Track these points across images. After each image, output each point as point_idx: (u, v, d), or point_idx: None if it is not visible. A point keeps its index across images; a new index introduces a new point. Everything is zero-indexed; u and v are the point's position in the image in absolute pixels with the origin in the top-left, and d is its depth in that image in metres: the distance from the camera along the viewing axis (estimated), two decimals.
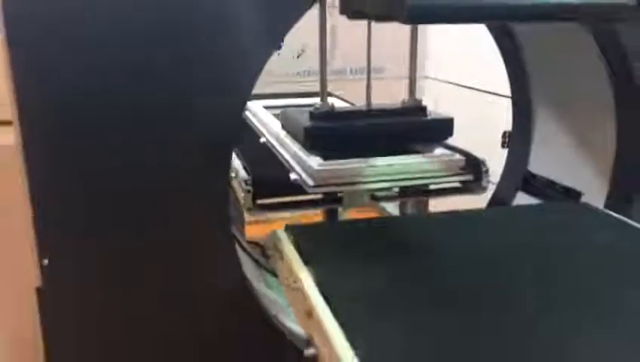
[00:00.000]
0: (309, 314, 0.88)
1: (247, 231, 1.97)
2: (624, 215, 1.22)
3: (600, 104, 1.35)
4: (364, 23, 1.37)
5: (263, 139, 1.73)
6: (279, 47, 3.27)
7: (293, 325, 1.21)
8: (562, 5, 0.90)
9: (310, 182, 1.28)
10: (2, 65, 0.94)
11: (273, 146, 1.67)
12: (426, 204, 1.90)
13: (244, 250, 1.58)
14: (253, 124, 1.96)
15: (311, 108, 1.50)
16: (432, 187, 1.50)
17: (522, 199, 1.65)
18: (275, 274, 1.31)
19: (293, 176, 1.36)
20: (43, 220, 1.00)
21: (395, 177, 1.36)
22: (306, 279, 0.93)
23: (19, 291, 1.06)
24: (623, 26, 1.20)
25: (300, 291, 0.93)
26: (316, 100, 1.52)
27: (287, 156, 1.52)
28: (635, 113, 1.26)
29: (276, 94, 2.38)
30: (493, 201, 1.71)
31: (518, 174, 1.64)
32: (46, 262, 1.02)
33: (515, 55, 1.60)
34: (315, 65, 3.55)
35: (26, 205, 0.98)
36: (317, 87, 2.95)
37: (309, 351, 0.88)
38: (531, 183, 1.59)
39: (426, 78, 3.52)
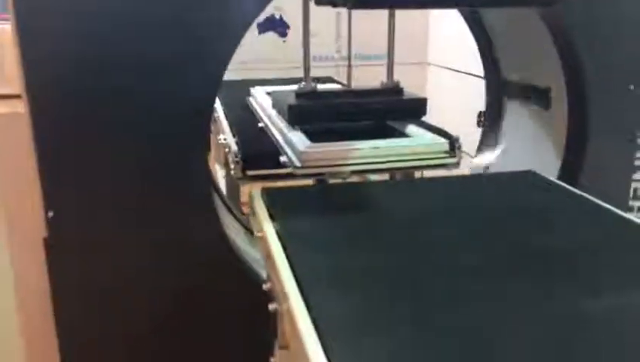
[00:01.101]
0: (268, 256, 1.03)
1: None
2: (572, 185, 1.35)
3: (557, 89, 1.48)
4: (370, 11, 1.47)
5: (260, 124, 1.86)
6: (285, 35, 3.42)
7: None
8: None
9: (297, 164, 1.38)
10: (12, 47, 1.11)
11: (266, 125, 1.81)
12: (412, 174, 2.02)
13: (235, 216, 1.73)
14: (254, 108, 2.10)
15: (295, 88, 1.65)
16: None
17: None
18: (253, 233, 1.46)
19: (283, 158, 1.46)
20: (48, 179, 1.17)
21: (379, 160, 1.43)
22: (269, 229, 1.08)
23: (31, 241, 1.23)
24: (571, 18, 1.32)
25: (263, 239, 1.08)
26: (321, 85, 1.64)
27: (276, 134, 1.66)
28: (580, 99, 1.38)
29: (282, 79, 2.48)
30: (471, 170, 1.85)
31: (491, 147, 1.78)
32: (51, 214, 1.19)
33: (486, 41, 1.72)
34: (322, 51, 3.68)
35: (34, 165, 1.15)
36: (321, 72, 3.10)
37: (266, 286, 1.04)
38: None
39: (429, 64, 3.64)
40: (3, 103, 1.37)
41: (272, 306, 0.96)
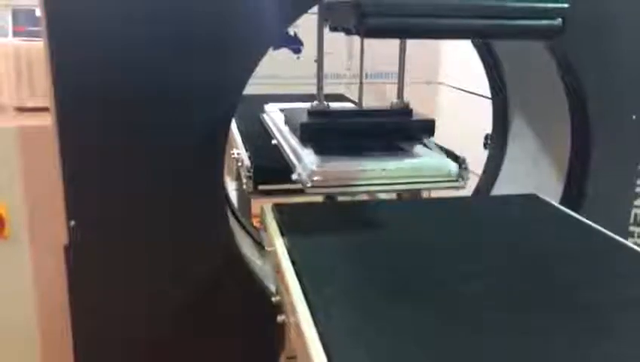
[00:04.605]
0: (278, 270, 1.09)
1: None
2: (574, 209, 1.39)
3: (561, 115, 1.53)
4: None
5: (274, 141, 1.88)
6: (299, 51, 3.49)
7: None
8: (496, 25, 1.09)
9: (308, 183, 1.42)
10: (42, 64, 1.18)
11: (279, 142, 1.86)
12: (420, 194, 2.06)
13: (245, 229, 1.78)
14: (267, 125, 2.15)
15: (308, 107, 1.70)
16: None
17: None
18: (263, 246, 1.51)
19: (294, 176, 1.50)
20: (71, 190, 1.23)
21: (388, 181, 1.47)
22: (279, 244, 1.13)
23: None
24: (575, 49, 1.37)
25: (274, 253, 1.13)
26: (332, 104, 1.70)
27: (289, 152, 1.70)
28: (584, 127, 1.43)
29: (295, 95, 2.53)
30: (477, 190, 1.89)
31: (496, 168, 1.83)
32: (72, 223, 1.24)
33: (495, 69, 1.78)
34: (332, 69, 3.75)
35: (58, 176, 1.21)
36: (333, 90, 3.15)
37: (276, 298, 1.09)
38: None
39: (440, 84, 3.70)
40: (32, 116, 1.44)
41: (280, 318, 1.01)
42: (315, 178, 1.42)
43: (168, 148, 1.26)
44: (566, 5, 1.13)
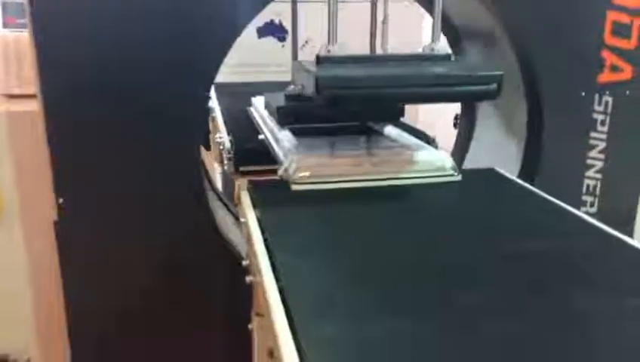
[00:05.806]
0: (248, 238, 1.18)
1: None
2: (531, 182, 1.50)
3: (520, 95, 1.63)
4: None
5: (261, 136, 1.87)
6: (284, 39, 3.57)
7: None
8: (438, 92, 1.21)
9: (297, 180, 1.40)
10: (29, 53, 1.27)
11: (265, 135, 1.92)
12: None
13: (228, 208, 1.88)
14: (253, 117, 2.22)
15: (285, 92, 1.79)
16: None
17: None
18: (238, 218, 1.60)
19: (280, 172, 1.47)
20: (58, 169, 1.33)
21: (379, 177, 1.47)
22: (250, 215, 1.23)
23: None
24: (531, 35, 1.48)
25: (245, 223, 1.23)
26: None
27: (274, 145, 1.75)
28: (537, 105, 1.53)
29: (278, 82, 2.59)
30: None
31: (465, 145, 1.93)
32: (61, 200, 1.34)
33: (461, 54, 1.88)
34: (314, 56, 3.78)
35: (46, 156, 1.31)
36: None
37: (245, 262, 1.19)
38: None
39: None
40: (20, 102, 1.54)
41: (248, 278, 1.11)
42: (304, 175, 1.41)
43: (146, 129, 1.36)
44: (501, 73, 1.21)
